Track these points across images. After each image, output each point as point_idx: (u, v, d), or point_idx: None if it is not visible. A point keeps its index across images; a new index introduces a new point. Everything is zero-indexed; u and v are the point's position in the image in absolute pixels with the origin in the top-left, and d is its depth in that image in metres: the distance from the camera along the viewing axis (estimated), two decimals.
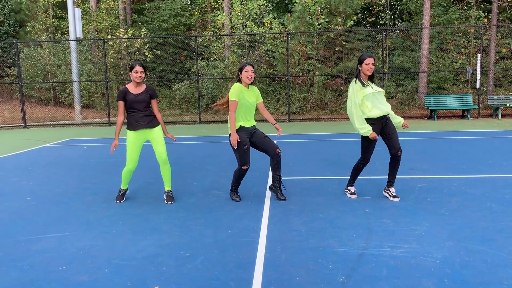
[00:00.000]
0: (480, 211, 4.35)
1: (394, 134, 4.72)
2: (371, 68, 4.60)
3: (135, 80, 4.75)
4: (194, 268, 3.16)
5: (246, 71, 4.72)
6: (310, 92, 17.69)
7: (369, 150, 4.74)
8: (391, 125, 4.75)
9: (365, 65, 4.60)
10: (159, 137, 4.89)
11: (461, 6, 19.79)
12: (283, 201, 4.91)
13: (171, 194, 5.06)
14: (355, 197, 4.99)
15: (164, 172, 4.96)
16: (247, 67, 4.72)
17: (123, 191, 5.13)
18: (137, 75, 4.73)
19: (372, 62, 4.59)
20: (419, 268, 3.07)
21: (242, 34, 17.63)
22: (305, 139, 10.22)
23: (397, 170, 4.81)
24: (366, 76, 4.68)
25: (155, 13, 24.61)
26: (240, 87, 4.73)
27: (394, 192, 4.88)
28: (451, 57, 18.45)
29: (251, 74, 4.73)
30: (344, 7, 17.84)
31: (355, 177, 5.02)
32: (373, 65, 4.60)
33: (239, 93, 4.72)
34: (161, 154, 4.85)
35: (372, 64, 4.59)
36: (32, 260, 3.37)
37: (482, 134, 10.39)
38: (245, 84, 4.81)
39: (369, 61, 4.58)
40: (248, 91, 4.82)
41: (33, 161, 8.04)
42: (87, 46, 22.30)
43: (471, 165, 6.67)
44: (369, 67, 4.59)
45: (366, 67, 4.60)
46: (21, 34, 24.94)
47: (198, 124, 15.23)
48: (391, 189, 4.89)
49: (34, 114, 18.39)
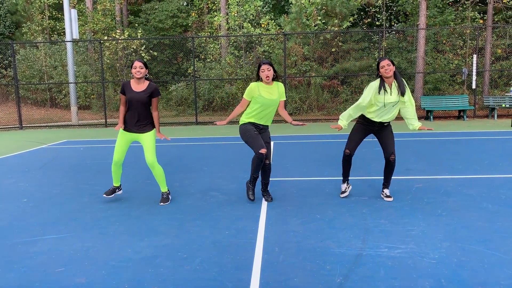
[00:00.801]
0: (476, 211, 4.37)
1: (388, 137, 4.73)
2: (388, 70, 4.49)
3: (135, 75, 4.72)
4: (191, 270, 3.16)
5: (262, 70, 4.65)
6: (307, 93, 17.71)
7: (350, 140, 4.84)
8: (388, 130, 4.77)
9: (381, 69, 4.55)
10: (147, 143, 4.84)
11: (456, 7, 19.88)
12: (269, 201, 4.93)
13: (165, 195, 5.06)
14: (343, 195, 5.04)
15: (155, 175, 4.97)
16: (263, 66, 4.63)
17: (113, 188, 5.13)
18: (135, 70, 4.70)
19: (387, 63, 4.50)
20: (416, 268, 3.08)
21: (239, 35, 17.65)
22: (302, 140, 10.23)
23: (390, 174, 4.83)
24: (387, 78, 4.58)
25: (151, 14, 24.59)
26: (256, 86, 4.68)
27: (387, 192, 4.92)
28: (447, 58, 18.53)
29: (267, 73, 4.62)
30: (340, 8, 17.88)
31: (344, 173, 5.02)
32: (388, 66, 4.49)
33: (251, 92, 4.69)
34: (147, 159, 4.84)
35: (387, 65, 4.49)
36: (29, 262, 3.36)
37: (478, 134, 10.44)
38: (266, 82, 4.71)
39: (383, 63, 4.51)
40: (269, 88, 4.73)
41: (30, 162, 8.01)
42: (83, 47, 22.24)
43: (467, 165, 6.70)
44: (384, 70, 4.51)
45: (382, 70, 4.54)
46: (17, 35, 24.85)
47: (195, 125, 15.22)
48: (385, 190, 4.94)
49: (30, 116, 18.32)
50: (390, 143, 4.72)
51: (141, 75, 4.71)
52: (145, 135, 4.86)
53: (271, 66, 4.66)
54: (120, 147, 4.90)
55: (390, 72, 4.51)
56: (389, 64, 4.51)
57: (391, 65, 4.52)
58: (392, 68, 4.51)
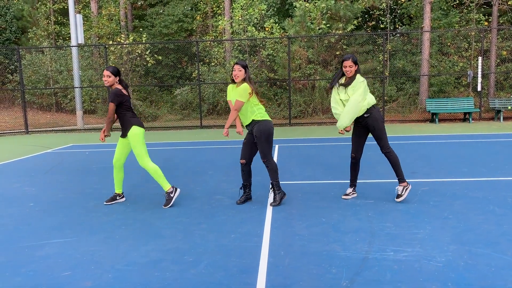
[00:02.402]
0: (483, 214, 4.34)
1: (375, 134, 4.80)
2: (348, 71, 4.65)
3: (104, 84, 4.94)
4: (197, 273, 3.16)
5: (233, 70, 4.79)
6: (311, 96, 17.71)
7: (352, 144, 5.01)
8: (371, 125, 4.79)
9: (343, 68, 4.69)
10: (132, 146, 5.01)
11: (461, 10, 19.83)
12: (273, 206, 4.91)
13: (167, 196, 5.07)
14: (344, 198, 5.09)
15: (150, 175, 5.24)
16: (234, 66, 4.77)
17: (115, 195, 5.27)
18: (104, 78, 4.88)
19: (349, 64, 4.62)
20: (423, 272, 3.06)
21: (243, 39, 17.68)
22: (306, 143, 10.22)
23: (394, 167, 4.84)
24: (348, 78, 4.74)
25: (156, 19, 24.70)
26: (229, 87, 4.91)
27: (399, 191, 4.90)
28: (452, 61, 18.47)
29: (234, 73, 4.75)
30: (344, 11, 17.89)
31: (351, 176, 5.14)
32: (350, 67, 4.62)
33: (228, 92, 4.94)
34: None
35: (349, 66, 4.63)
36: (35, 266, 3.37)
37: (484, 137, 10.38)
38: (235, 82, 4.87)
39: (346, 63, 4.65)
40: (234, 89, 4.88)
41: (36, 167, 8.05)
42: (88, 52, 22.37)
43: (473, 168, 6.67)
44: (345, 70, 4.67)
45: (344, 70, 4.69)
46: (23, 40, 25.04)
47: (200, 129, 15.24)
48: (397, 187, 4.94)
49: (36, 120, 18.42)
50: (377, 137, 4.80)
51: (107, 83, 4.86)
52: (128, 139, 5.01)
53: (242, 68, 4.74)
54: (117, 148, 5.13)
55: (350, 74, 4.67)
56: (351, 66, 4.64)
57: (353, 66, 4.65)
58: (352, 70, 4.65)
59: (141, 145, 4.90)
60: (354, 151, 4.97)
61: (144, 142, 4.97)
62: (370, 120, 4.78)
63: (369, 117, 4.78)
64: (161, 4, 26.65)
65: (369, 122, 4.79)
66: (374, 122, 4.77)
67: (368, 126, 4.81)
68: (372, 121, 4.77)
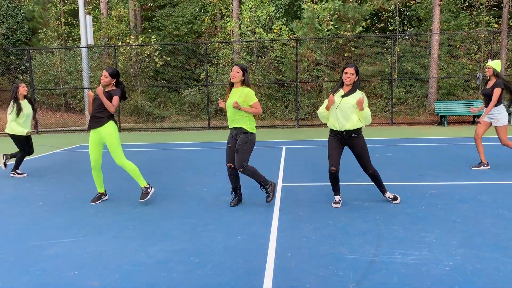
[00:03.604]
0: (491, 218, 4.30)
1: (360, 155, 4.68)
2: (348, 78, 4.58)
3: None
4: (204, 274, 3.17)
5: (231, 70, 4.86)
6: (319, 98, 17.68)
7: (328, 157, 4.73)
8: (357, 145, 4.67)
9: (344, 74, 4.61)
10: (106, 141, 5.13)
11: (471, 12, 19.69)
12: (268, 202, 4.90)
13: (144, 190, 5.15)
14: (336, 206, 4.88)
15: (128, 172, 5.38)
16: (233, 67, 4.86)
17: (98, 194, 5.41)
18: (101, 78, 5.08)
19: (351, 71, 4.55)
20: (430, 275, 3.04)
21: (251, 41, 17.70)
22: (314, 145, 10.20)
23: (378, 184, 4.87)
24: (346, 85, 4.66)
25: (166, 20, 24.81)
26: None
27: (390, 196, 4.93)
28: (461, 63, 18.34)
29: (232, 73, 4.82)
30: (353, 13, 17.85)
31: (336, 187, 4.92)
32: (352, 74, 4.56)
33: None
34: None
35: (350, 73, 4.56)
36: (43, 265, 3.40)
37: (493, 140, 10.29)
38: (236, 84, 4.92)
39: (348, 70, 4.57)
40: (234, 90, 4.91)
41: (45, 166, 8.12)
42: (98, 53, 22.54)
43: (482, 171, 6.61)
44: (346, 77, 4.58)
45: (344, 76, 4.61)
46: (33, 41, 25.30)
47: (208, 130, 15.28)
48: (386, 195, 4.94)
49: (46, 120, 18.59)
50: (362, 159, 4.69)
51: (103, 83, 5.04)
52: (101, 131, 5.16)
53: (241, 70, 4.80)
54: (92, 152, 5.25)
55: (350, 81, 4.58)
56: (353, 73, 4.57)
57: (354, 75, 4.57)
58: (352, 78, 4.57)
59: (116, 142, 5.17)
60: (335, 165, 4.68)
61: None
62: (358, 139, 4.67)
63: (357, 137, 4.67)
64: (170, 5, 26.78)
65: (356, 141, 4.67)
66: (361, 141, 4.67)
67: (354, 145, 4.67)
68: (360, 140, 4.67)
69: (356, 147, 4.68)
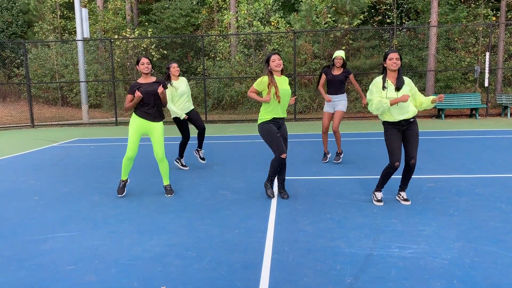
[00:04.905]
0: (489, 211, 4.30)
1: (412, 141, 4.49)
2: (395, 64, 4.37)
3: (143, 71, 5.02)
4: (201, 268, 3.15)
5: (273, 60, 4.76)
6: (317, 91, 17.64)
7: (393, 151, 4.44)
8: (413, 131, 4.50)
9: (388, 61, 4.42)
10: (157, 135, 5.13)
11: (469, 4, 19.63)
12: (286, 199, 4.94)
13: (169, 187, 5.31)
14: (380, 204, 4.66)
15: (162, 168, 5.25)
16: (273, 56, 4.77)
17: (123, 183, 5.30)
18: (143, 66, 5.00)
19: (396, 56, 4.37)
20: (428, 269, 3.04)
21: (248, 34, 17.62)
22: (311, 139, 10.19)
23: (409, 178, 4.63)
24: (391, 71, 4.46)
25: (164, 13, 24.65)
26: (266, 79, 4.77)
27: (405, 195, 4.76)
28: (459, 56, 18.31)
29: (278, 62, 4.75)
30: (350, 6, 17.77)
31: (383, 182, 4.68)
32: (397, 59, 4.37)
33: (261, 85, 4.80)
34: (157, 153, 5.14)
35: (396, 58, 4.37)
36: (39, 260, 3.38)
37: (491, 133, 10.30)
38: (277, 73, 4.84)
39: (392, 56, 4.39)
40: (280, 79, 4.86)
41: (41, 161, 8.08)
42: (94, 46, 22.39)
43: (479, 164, 6.61)
44: (392, 63, 4.38)
45: (389, 62, 4.41)
46: (29, 34, 25.10)
47: (205, 124, 15.23)
48: (401, 193, 4.78)
49: (42, 114, 18.49)
50: (413, 146, 4.48)
51: (148, 70, 5.04)
52: (157, 126, 5.16)
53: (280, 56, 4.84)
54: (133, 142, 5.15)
55: (396, 66, 4.39)
56: (398, 58, 4.40)
57: (399, 60, 4.41)
58: (399, 63, 4.40)
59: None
60: (399, 158, 4.41)
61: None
62: (415, 124, 4.52)
63: (415, 121, 4.52)
64: None
65: (414, 126, 4.50)
66: (417, 127, 4.54)
67: (411, 130, 4.49)
68: (416, 126, 4.53)
69: (412, 132, 4.49)
